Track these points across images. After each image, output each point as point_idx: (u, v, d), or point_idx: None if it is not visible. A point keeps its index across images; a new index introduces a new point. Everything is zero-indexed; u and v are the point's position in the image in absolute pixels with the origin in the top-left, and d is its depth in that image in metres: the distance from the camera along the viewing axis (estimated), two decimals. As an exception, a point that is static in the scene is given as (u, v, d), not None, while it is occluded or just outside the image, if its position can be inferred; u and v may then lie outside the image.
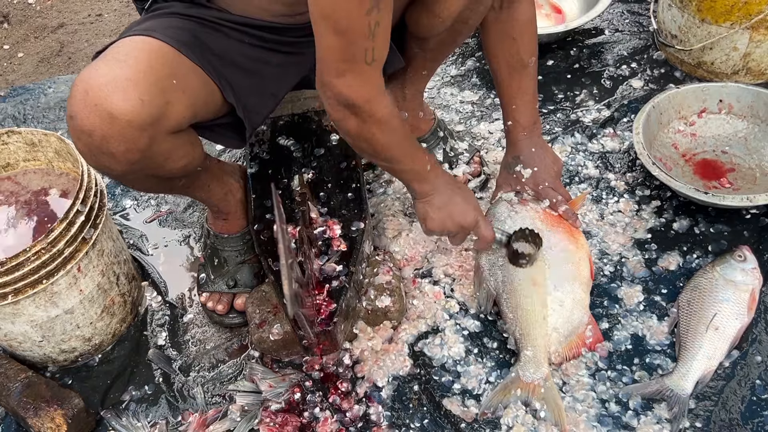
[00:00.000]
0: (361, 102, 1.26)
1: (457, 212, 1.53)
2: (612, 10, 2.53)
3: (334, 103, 1.27)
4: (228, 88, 1.40)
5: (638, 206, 1.86)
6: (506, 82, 1.67)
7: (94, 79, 1.22)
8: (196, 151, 1.44)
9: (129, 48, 1.29)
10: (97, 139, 1.23)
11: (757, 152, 1.91)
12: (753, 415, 1.46)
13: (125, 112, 1.21)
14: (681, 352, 1.53)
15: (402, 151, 1.42)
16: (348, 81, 1.23)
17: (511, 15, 1.60)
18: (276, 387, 1.57)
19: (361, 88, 1.25)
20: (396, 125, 1.36)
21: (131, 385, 1.66)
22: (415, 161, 1.46)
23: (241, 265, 1.74)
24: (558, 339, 1.55)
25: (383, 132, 1.33)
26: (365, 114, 1.28)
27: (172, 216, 2.03)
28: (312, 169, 1.77)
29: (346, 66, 1.21)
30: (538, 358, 1.52)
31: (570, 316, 1.57)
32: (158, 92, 1.25)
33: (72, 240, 1.51)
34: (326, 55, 1.21)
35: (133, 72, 1.23)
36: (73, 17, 3.04)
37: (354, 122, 1.30)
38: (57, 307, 1.56)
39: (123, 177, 1.39)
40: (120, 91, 1.21)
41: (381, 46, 1.23)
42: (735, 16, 2.02)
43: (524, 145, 1.71)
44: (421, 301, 1.71)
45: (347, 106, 1.26)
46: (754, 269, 1.62)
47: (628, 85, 2.23)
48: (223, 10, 1.44)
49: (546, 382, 1.50)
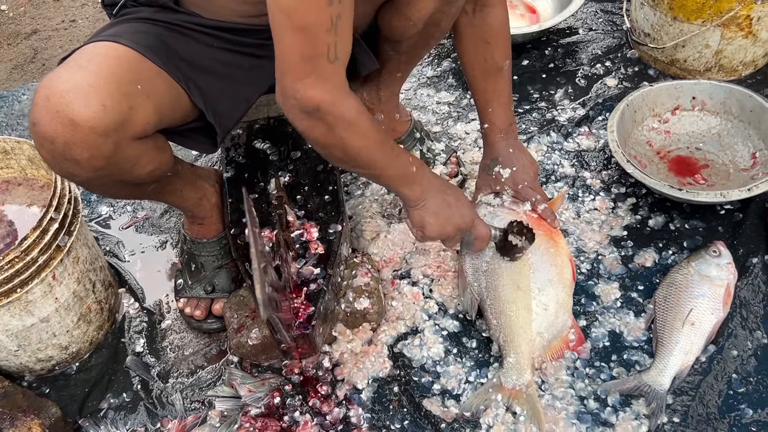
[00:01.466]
0: (326, 105, 1.20)
1: (454, 215, 1.48)
2: (586, 9, 2.54)
3: (297, 112, 1.22)
4: (197, 93, 1.39)
5: (614, 204, 1.87)
6: (481, 86, 1.67)
7: (56, 85, 1.20)
8: (164, 156, 1.43)
9: (92, 54, 1.28)
10: (60, 146, 1.21)
11: (730, 148, 1.92)
12: (730, 409, 1.47)
13: (87, 119, 1.19)
14: (658, 348, 1.54)
15: (380, 154, 1.35)
16: (310, 83, 1.18)
17: (485, 19, 1.60)
18: (255, 392, 1.57)
19: (325, 90, 1.19)
20: (366, 127, 1.30)
21: (109, 393, 1.65)
22: (397, 164, 1.40)
23: (219, 270, 1.73)
24: (542, 344, 1.55)
25: (354, 135, 1.27)
26: (331, 117, 1.22)
27: (149, 222, 2.01)
28: (288, 173, 1.76)
29: (308, 66, 1.16)
30: (522, 365, 1.52)
31: (554, 320, 1.57)
32: (121, 98, 1.23)
33: (46, 248, 1.50)
34: (286, 56, 1.17)
35: (95, 78, 1.22)
36: (46, 23, 3.01)
37: (322, 129, 1.24)
38: (32, 315, 1.54)
39: (88, 183, 1.37)
40: (81, 97, 1.19)
41: (344, 42, 1.18)
42: (706, 13, 2.04)
43: (501, 147, 1.71)
44: (400, 303, 1.71)
45: (312, 112, 1.20)
46: (728, 264, 1.63)
47: (603, 83, 2.25)
48: (191, 14, 1.43)
49: (528, 389, 1.50)
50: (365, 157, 1.33)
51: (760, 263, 1.69)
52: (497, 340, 1.58)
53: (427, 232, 1.49)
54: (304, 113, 1.21)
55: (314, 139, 1.27)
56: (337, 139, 1.26)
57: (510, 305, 1.57)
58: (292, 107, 1.21)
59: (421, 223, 1.48)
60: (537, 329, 1.55)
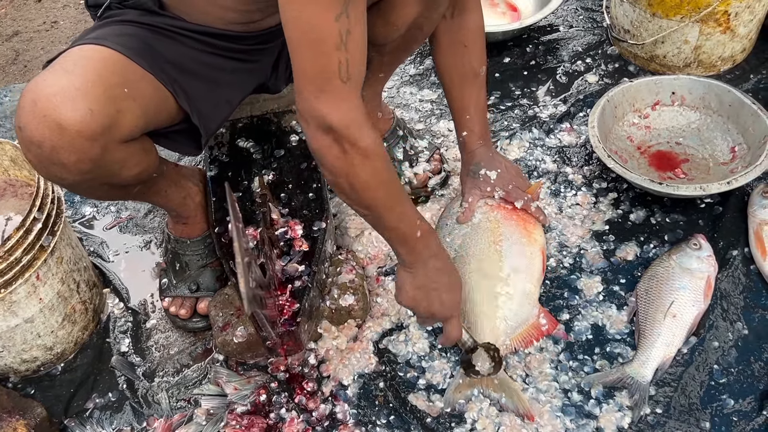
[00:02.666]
0: (342, 126, 1.15)
1: (435, 300, 1.40)
2: (566, 6, 2.56)
3: (314, 129, 1.17)
4: (182, 95, 1.39)
5: (595, 199, 1.89)
6: (458, 93, 1.68)
7: (42, 89, 1.20)
8: (151, 158, 1.43)
9: (77, 57, 1.28)
10: (47, 150, 1.21)
11: (709, 142, 1.94)
12: (711, 399, 1.49)
13: (74, 123, 1.19)
14: (640, 340, 1.56)
15: (386, 200, 1.28)
16: (327, 100, 1.14)
17: (462, 23, 1.61)
18: (241, 389, 1.57)
19: (340, 110, 1.15)
20: (381, 162, 1.23)
21: (95, 393, 1.65)
22: (403, 220, 1.32)
23: (203, 269, 1.74)
24: (506, 331, 1.57)
25: (364, 166, 1.20)
26: (346, 141, 1.16)
27: (133, 222, 2.01)
28: (272, 171, 1.77)
29: (322, 83, 1.13)
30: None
31: (519, 309, 1.59)
32: (108, 101, 1.23)
33: (29, 248, 1.49)
34: (301, 72, 1.14)
35: (81, 81, 1.22)
36: (28, 25, 3.00)
37: (335, 151, 1.18)
38: (16, 316, 1.54)
39: (76, 186, 1.37)
40: (69, 101, 1.19)
41: (356, 60, 1.15)
42: (685, 9, 2.06)
43: (482, 153, 1.73)
44: (385, 299, 1.72)
45: (328, 130, 1.15)
46: (709, 257, 1.65)
47: (584, 80, 2.26)
48: (177, 18, 1.43)
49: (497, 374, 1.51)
50: (370, 195, 1.25)
51: (740, 255, 1.71)
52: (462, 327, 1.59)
53: (401, 296, 1.43)
54: (320, 132, 1.16)
55: (326, 163, 1.20)
56: (348, 166, 1.19)
57: (475, 293, 1.59)
58: (310, 123, 1.17)
59: (400, 286, 1.42)
60: (501, 317, 1.57)
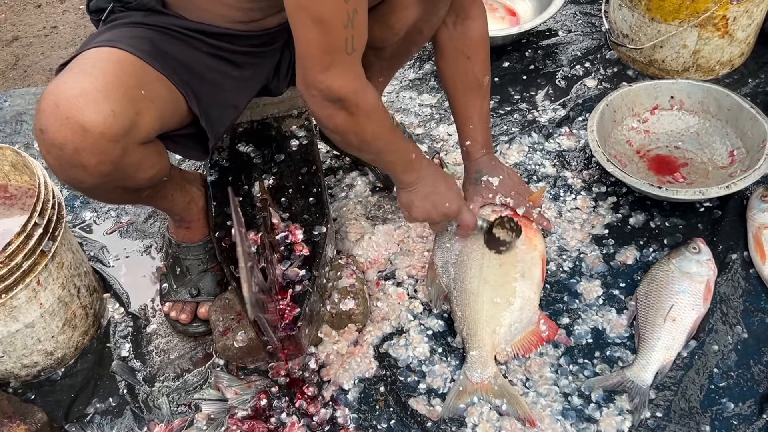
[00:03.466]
0: (350, 94, 1.25)
1: (441, 201, 1.54)
2: (565, 11, 2.57)
3: (320, 101, 1.25)
4: (192, 98, 1.40)
5: (595, 203, 1.89)
6: (462, 102, 1.69)
7: (64, 92, 1.21)
8: (164, 161, 1.44)
9: (95, 59, 1.28)
10: (69, 153, 1.22)
11: (708, 147, 1.95)
12: (711, 403, 1.50)
13: (98, 124, 1.20)
14: (640, 344, 1.56)
15: (389, 141, 1.42)
16: (334, 74, 1.21)
17: (465, 32, 1.62)
18: (242, 394, 1.57)
19: (347, 80, 1.24)
20: (382, 115, 1.36)
21: (95, 398, 1.65)
22: (402, 151, 1.46)
23: (204, 274, 1.74)
24: (506, 338, 1.58)
25: (371, 122, 1.33)
26: (353, 106, 1.27)
27: (133, 227, 2.01)
28: (273, 175, 1.77)
29: (329, 58, 1.19)
30: (484, 358, 1.54)
31: (519, 315, 1.59)
32: (128, 103, 1.24)
33: (30, 253, 1.50)
34: (308, 49, 1.20)
35: (102, 83, 1.23)
36: (27, 30, 3.00)
37: (342, 117, 1.28)
38: (17, 321, 1.54)
39: (92, 190, 1.39)
40: (91, 103, 1.20)
41: (360, 34, 1.22)
42: (683, 14, 2.06)
43: (485, 161, 1.74)
44: (385, 303, 1.72)
45: (335, 100, 1.25)
46: (708, 261, 1.65)
47: (583, 84, 2.27)
48: (180, 17, 1.43)
49: (496, 380, 1.52)
50: (378, 143, 1.39)
51: (739, 259, 1.72)
52: (461, 333, 1.60)
53: (413, 213, 1.56)
54: (327, 102, 1.25)
55: (334, 127, 1.31)
56: (357, 127, 1.31)
57: (475, 298, 1.59)
58: (315, 96, 1.25)
59: (408, 204, 1.55)
60: (501, 323, 1.58)
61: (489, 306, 1.59)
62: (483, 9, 1.63)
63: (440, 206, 1.54)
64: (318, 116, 1.30)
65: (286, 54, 1.62)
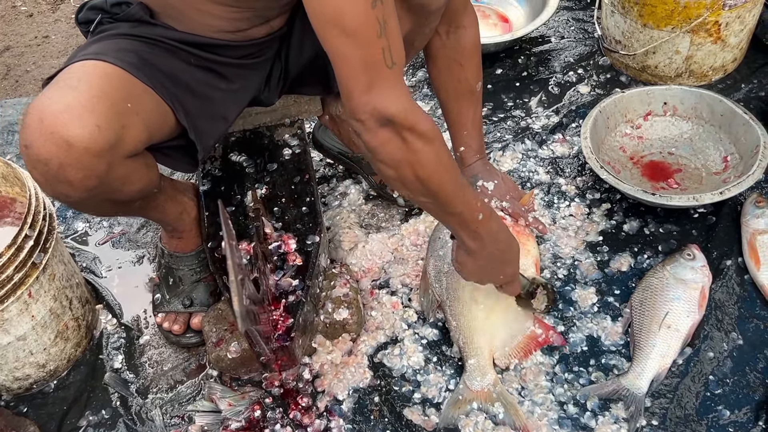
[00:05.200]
0: (399, 114, 1.13)
1: (497, 271, 1.45)
2: (557, 17, 2.57)
3: (372, 124, 1.14)
4: (180, 110, 1.39)
5: (589, 209, 1.89)
6: (456, 110, 1.68)
7: (48, 106, 1.20)
8: (152, 173, 1.44)
9: (81, 73, 1.27)
10: (54, 168, 1.21)
11: (702, 152, 1.95)
12: (707, 410, 1.49)
13: (82, 139, 1.19)
14: (635, 352, 1.55)
15: (451, 185, 1.26)
16: (379, 93, 1.12)
17: (458, 41, 1.61)
18: (236, 405, 1.56)
19: (395, 98, 1.13)
20: (441, 146, 1.21)
21: (88, 410, 1.63)
22: (466, 204, 1.31)
23: (197, 284, 1.73)
24: (502, 344, 1.57)
25: (427, 152, 1.18)
26: (406, 129, 1.15)
27: (125, 237, 2.00)
28: (265, 185, 1.76)
29: (370, 75, 1.11)
30: (483, 366, 1.54)
31: (514, 321, 1.59)
32: (114, 117, 1.23)
33: (21, 265, 1.49)
34: (347, 69, 1.12)
35: (87, 98, 1.22)
36: (19, 40, 2.99)
37: (396, 143, 1.16)
38: (8, 334, 1.53)
39: (80, 204, 1.38)
40: (76, 118, 1.19)
41: (396, 45, 1.13)
42: (675, 20, 2.07)
43: (479, 166, 1.74)
44: (379, 312, 1.71)
45: (386, 123, 1.14)
46: (703, 267, 1.65)
47: (576, 90, 2.27)
48: (168, 27, 1.43)
49: (495, 387, 1.52)
50: (436, 182, 1.23)
51: (734, 265, 1.71)
52: (457, 342, 1.59)
53: (464, 273, 1.47)
54: (377, 126, 1.14)
55: (387, 157, 1.18)
56: (411, 155, 1.18)
57: (469, 306, 1.59)
58: (366, 120, 1.14)
59: (463, 263, 1.45)
60: (497, 329, 1.58)
61: (483, 313, 1.59)
62: (475, 17, 1.63)
63: (495, 276, 1.46)
64: (371, 146, 1.17)
65: (276, 65, 1.61)
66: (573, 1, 2.65)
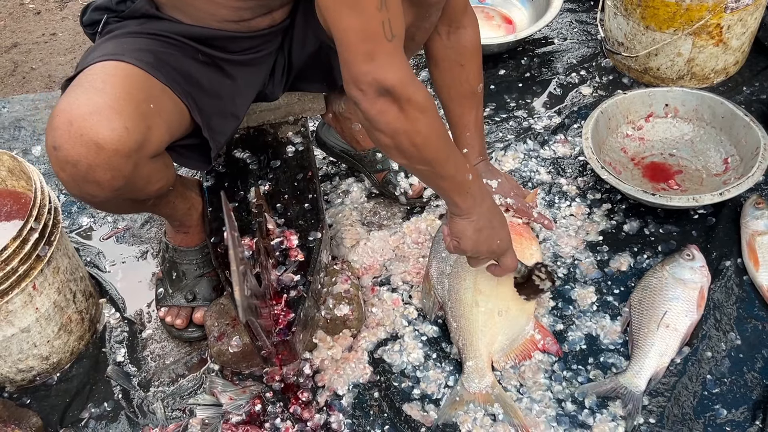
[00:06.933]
0: (398, 84, 1.16)
1: (493, 238, 1.45)
2: (560, 19, 2.58)
3: (371, 95, 1.17)
4: (195, 108, 1.41)
5: (590, 210, 1.90)
6: (458, 111, 1.69)
7: (76, 108, 1.22)
8: (170, 172, 1.47)
9: (103, 75, 1.29)
10: (83, 169, 1.23)
11: (702, 154, 1.96)
12: (705, 409, 1.50)
13: (112, 141, 1.22)
14: (634, 351, 1.56)
15: (444, 150, 1.31)
16: (379, 63, 1.15)
17: (459, 41, 1.62)
18: (236, 399, 1.57)
19: (394, 69, 1.16)
20: (435, 115, 1.26)
21: (90, 403, 1.65)
22: (458, 167, 1.35)
23: (200, 279, 1.74)
24: (501, 347, 1.58)
25: (424, 121, 1.22)
26: (404, 99, 1.18)
27: (129, 232, 2.02)
28: (268, 181, 1.77)
29: (370, 46, 1.14)
30: (481, 368, 1.54)
31: (514, 323, 1.60)
32: (140, 118, 1.26)
33: (26, 258, 1.50)
34: (347, 39, 1.14)
35: (113, 99, 1.24)
36: (26, 37, 3.01)
37: (394, 112, 1.19)
38: (13, 326, 1.55)
39: (104, 203, 1.41)
40: (105, 120, 1.21)
41: (396, 18, 1.16)
42: (677, 22, 2.08)
43: (481, 167, 1.75)
44: (379, 309, 1.72)
45: (385, 92, 1.16)
46: (702, 267, 1.66)
47: (578, 92, 2.28)
48: (174, 20, 1.45)
49: (494, 389, 1.53)
50: (431, 149, 1.28)
51: (733, 266, 1.72)
52: (457, 344, 1.60)
53: (462, 244, 1.45)
54: (377, 95, 1.17)
55: (385, 126, 1.21)
56: (409, 123, 1.21)
57: (470, 308, 1.60)
58: (365, 90, 1.17)
59: (460, 234, 1.44)
60: (497, 332, 1.58)
61: (484, 316, 1.59)
62: (475, 18, 1.64)
63: (491, 243, 1.46)
64: (370, 115, 1.20)
65: (280, 59, 1.63)
66: (576, 3, 2.67)
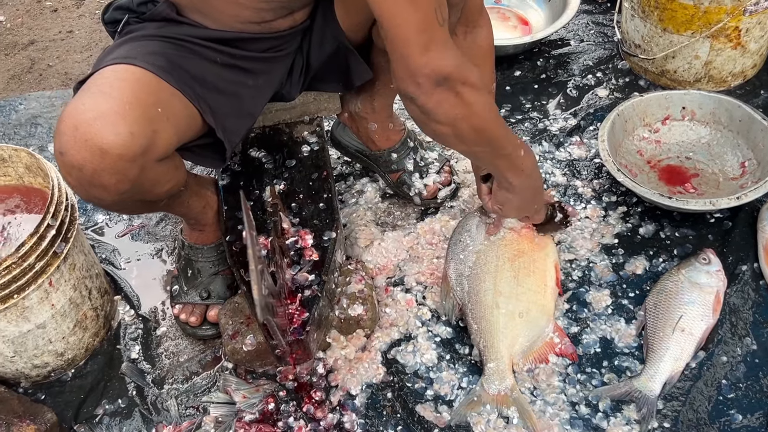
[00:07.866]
0: (455, 69, 1.20)
1: (533, 204, 1.61)
2: (577, 21, 2.57)
3: (428, 87, 1.20)
4: (207, 111, 1.42)
5: (605, 212, 1.89)
6: None
7: (82, 113, 1.23)
8: (180, 173, 1.47)
9: (112, 79, 1.30)
10: (89, 174, 1.24)
11: (719, 157, 1.95)
12: (720, 414, 1.49)
13: (116, 146, 1.22)
14: (648, 354, 1.56)
15: (502, 128, 1.37)
16: (435, 52, 1.18)
17: (474, 41, 1.62)
18: (250, 398, 1.58)
19: (449, 55, 1.20)
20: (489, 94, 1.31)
21: (104, 399, 1.66)
22: (513, 143, 1.42)
23: (215, 277, 1.75)
24: (522, 349, 1.58)
25: (480, 101, 1.26)
26: (460, 83, 1.21)
27: (145, 230, 2.03)
28: (284, 181, 1.78)
29: (426, 36, 1.17)
30: (502, 370, 1.54)
31: (535, 325, 1.59)
32: (146, 122, 1.26)
33: (43, 254, 1.51)
34: (404, 34, 1.17)
35: (119, 104, 1.24)
36: (43, 34, 3.03)
37: (451, 100, 1.23)
38: (29, 321, 1.55)
39: (112, 206, 1.43)
40: (110, 125, 1.22)
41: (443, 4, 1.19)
42: (695, 25, 2.06)
43: None
44: (393, 309, 1.72)
45: (442, 81, 1.20)
46: (718, 272, 1.65)
47: (594, 94, 2.27)
48: (194, 24, 1.45)
49: (513, 393, 1.52)
50: (491, 129, 1.34)
51: (749, 271, 1.71)
52: (477, 345, 1.59)
53: (505, 211, 1.61)
54: (435, 86, 1.20)
55: (444, 114, 1.25)
56: (466, 108, 1.25)
57: (491, 310, 1.59)
58: (423, 85, 1.20)
59: (504, 202, 1.59)
60: (517, 334, 1.58)
61: (505, 318, 1.59)
62: (488, 18, 1.64)
63: (531, 207, 1.61)
64: (428, 107, 1.24)
65: (298, 60, 1.63)
66: (593, 5, 2.66)
